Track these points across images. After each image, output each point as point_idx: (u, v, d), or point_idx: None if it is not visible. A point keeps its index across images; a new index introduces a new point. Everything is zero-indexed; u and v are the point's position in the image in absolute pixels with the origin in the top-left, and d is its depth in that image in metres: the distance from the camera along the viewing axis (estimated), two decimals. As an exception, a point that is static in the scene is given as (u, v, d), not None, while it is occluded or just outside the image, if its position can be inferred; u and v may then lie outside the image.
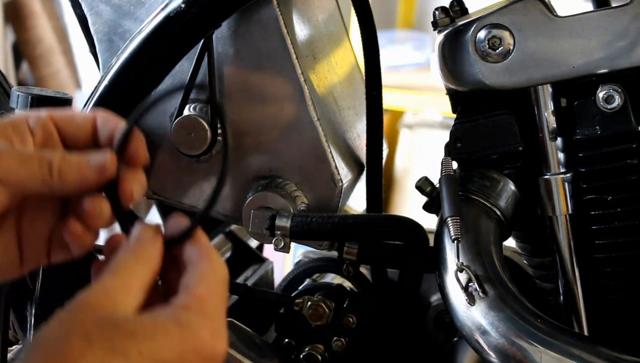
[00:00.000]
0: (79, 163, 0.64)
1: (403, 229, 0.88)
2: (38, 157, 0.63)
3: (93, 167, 0.63)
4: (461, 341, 0.99)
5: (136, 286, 0.59)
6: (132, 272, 0.60)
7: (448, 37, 0.87)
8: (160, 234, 0.64)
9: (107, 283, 0.58)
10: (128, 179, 0.65)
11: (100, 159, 0.64)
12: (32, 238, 0.67)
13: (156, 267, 0.62)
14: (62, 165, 0.63)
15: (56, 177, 0.63)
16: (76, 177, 0.63)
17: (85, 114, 0.67)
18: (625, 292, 0.87)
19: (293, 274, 1.01)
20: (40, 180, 0.62)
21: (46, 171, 0.62)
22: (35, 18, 3.34)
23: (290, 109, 0.90)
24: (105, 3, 0.94)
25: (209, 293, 0.60)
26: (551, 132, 0.86)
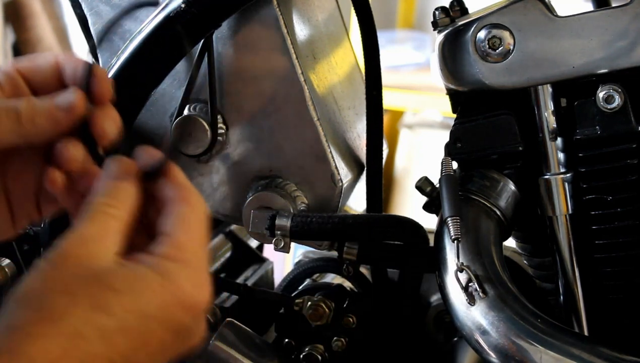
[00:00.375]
0: (47, 107, 0.62)
1: (403, 229, 0.88)
2: (4, 109, 0.61)
3: (61, 107, 0.62)
4: (461, 341, 0.99)
5: (114, 230, 0.57)
6: (109, 215, 0.58)
7: (448, 37, 0.87)
8: (134, 170, 0.61)
9: (84, 230, 0.56)
10: (99, 117, 0.63)
11: (67, 98, 0.62)
12: (19, 193, 0.65)
13: (133, 206, 0.60)
14: (30, 111, 0.62)
15: (27, 124, 0.61)
16: (47, 121, 0.62)
17: (47, 57, 0.65)
18: (625, 292, 0.87)
19: (293, 274, 1.01)
20: (11, 131, 0.61)
21: (15, 120, 0.61)
22: (35, 18, 3.34)
23: (290, 109, 0.90)
24: (105, 3, 0.94)
25: (188, 239, 0.58)
26: (551, 132, 0.86)
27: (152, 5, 0.91)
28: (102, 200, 0.58)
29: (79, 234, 0.56)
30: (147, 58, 0.87)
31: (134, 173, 0.61)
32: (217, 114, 0.91)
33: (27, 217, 0.67)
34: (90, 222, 0.57)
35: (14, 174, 0.65)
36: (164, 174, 0.61)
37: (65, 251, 0.55)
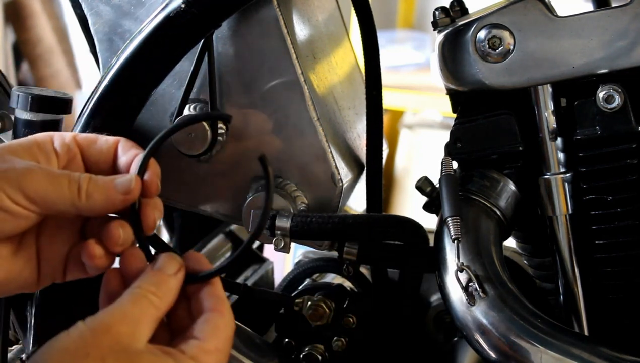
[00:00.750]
0: (105, 185, 0.66)
1: (403, 229, 0.88)
2: (67, 177, 0.65)
3: (119, 189, 0.66)
4: (461, 341, 0.99)
5: (151, 317, 0.62)
6: (151, 303, 0.63)
7: (448, 37, 0.87)
8: (184, 269, 0.66)
9: (128, 309, 0.61)
10: (149, 206, 0.68)
11: (125, 182, 0.67)
12: (51, 255, 0.69)
13: (173, 301, 0.65)
14: (89, 186, 0.65)
15: (84, 197, 0.65)
16: (103, 199, 0.66)
17: (107, 138, 0.70)
18: (625, 292, 0.87)
19: (293, 274, 1.01)
20: (69, 200, 0.65)
21: (75, 191, 0.65)
22: (35, 18, 3.34)
23: (290, 109, 0.90)
24: (105, 3, 0.94)
25: (216, 349, 0.63)
26: (551, 132, 0.86)
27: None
28: (148, 288, 0.63)
29: (122, 311, 0.61)
30: (147, 58, 0.87)
31: (181, 273, 0.66)
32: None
33: (51, 277, 0.70)
34: (134, 304, 0.62)
35: (49, 235, 0.69)
36: (207, 284, 0.67)
37: (107, 323, 0.60)
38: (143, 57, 0.87)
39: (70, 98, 0.93)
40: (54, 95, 0.92)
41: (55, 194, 0.64)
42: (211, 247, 1.23)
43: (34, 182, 0.64)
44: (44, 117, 0.91)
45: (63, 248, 0.69)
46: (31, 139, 0.68)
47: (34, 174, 0.64)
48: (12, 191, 0.63)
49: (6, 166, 0.64)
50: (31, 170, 0.64)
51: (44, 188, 0.64)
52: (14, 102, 0.91)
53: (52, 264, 0.69)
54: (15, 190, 0.63)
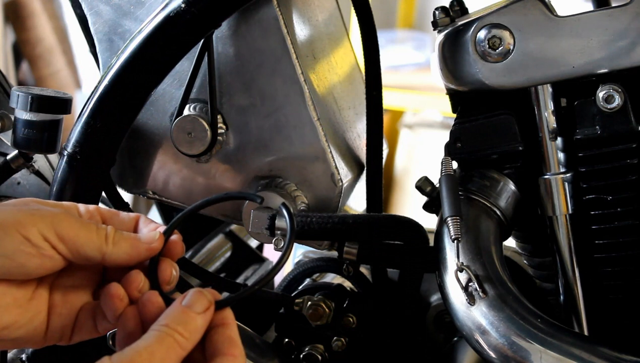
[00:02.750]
0: (131, 236, 0.69)
1: (403, 229, 0.88)
2: (96, 225, 0.68)
3: (144, 241, 0.69)
4: (461, 341, 0.99)
5: (177, 356, 0.63)
6: (176, 343, 0.63)
7: (448, 37, 0.87)
8: (212, 307, 0.67)
9: (155, 348, 0.62)
10: (167, 263, 0.70)
11: (150, 234, 0.70)
12: (62, 310, 0.70)
13: (198, 340, 0.65)
14: (116, 235, 0.68)
15: (111, 244, 0.68)
16: (128, 247, 0.68)
17: (129, 214, 0.73)
18: (625, 292, 0.87)
19: (293, 274, 1.01)
20: (97, 246, 0.67)
21: (103, 237, 0.67)
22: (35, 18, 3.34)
23: (290, 109, 0.90)
24: (105, 3, 0.94)
25: None
26: (551, 132, 0.86)
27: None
28: (176, 327, 0.64)
29: (147, 350, 0.62)
30: (147, 58, 0.87)
31: (210, 312, 0.67)
32: (217, 114, 0.91)
33: (59, 335, 0.71)
34: (159, 343, 0.63)
35: (63, 290, 0.70)
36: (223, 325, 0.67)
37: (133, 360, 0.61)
38: (143, 57, 0.87)
39: (70, 98, 0.93)
40: (54, 95, 0.92)
41: (85, 238, 0.66)
42: (211, 247, 1.23)
43: (66, 223, 0.66)
44: (44, 117, 0.91)
45: (75, 305, 0.70)
46: (57, 202, 0.71)
47: (65, 216, 0.67)
48: (45, 228, 0.65)
49: (40, 207, 0.67)
50: (63, 213, 0.67)
51: (74, 230, 0.66)
52: (13, 102, 0.91)
53: (62, 320, 0.70)
54: (48, 228, 0.65)
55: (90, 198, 0.90)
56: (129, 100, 0.88)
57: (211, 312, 0.66)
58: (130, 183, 0.97)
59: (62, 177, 0.89)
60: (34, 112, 0.90)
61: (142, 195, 0.97)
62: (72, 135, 0.89)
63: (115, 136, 0.89)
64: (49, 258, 0.66)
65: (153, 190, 0.97)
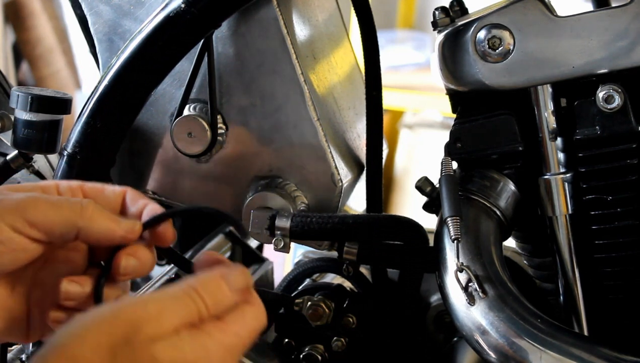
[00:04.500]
0: (110, 217, 0.65)
1: (403, 229, 0.88)
2: (67, 201, 0.64)
3: (122, 226, 0.65)
4: (461, 341, 0.99)
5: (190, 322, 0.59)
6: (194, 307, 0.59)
7: (448, 37, 0.87)
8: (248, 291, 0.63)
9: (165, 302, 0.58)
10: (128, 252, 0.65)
11: (130, 223, 0.66)
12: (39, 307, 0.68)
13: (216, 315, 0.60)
14: (93, 210, 0.64)
15: (87, 219, 0.64)
16: (104, 227, 0.64)
17: (115, 188, 0.69)
18: (625, 292, 0.87)
19: (293, 274, 1.01)
20: (70, 221, 0.63)
21: (77, 211, 0.64)
22: (35, 18, 3.34)
23: (290, 109, 0.90)
24: (105, 3, 0.94)
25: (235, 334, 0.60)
26: (551, 132, 0.86)
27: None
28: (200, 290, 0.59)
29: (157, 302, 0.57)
30: (147, 58, 0.87)
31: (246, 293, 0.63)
32: (217, 114, 0.91)
33: (40, 332, 0.69)
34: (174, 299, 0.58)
35: (41, 286, 0.68)
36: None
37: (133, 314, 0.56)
38: (143, 57, 0.87)
39: (70, 98, 0.93)
40: (54, 95, 0.92)
41: (56, 216, 0.63)
42: (211, 247, 1.23)
43: (34, 206, 0.63)
44: (44, 117, 0.91)
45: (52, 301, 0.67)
46: (36, 184, 0.68)
47: (33, 200, 0.64)
48: (12, 218, 0.62)
49: (5, 196, 0.64)
50: (30, 197, 0.64)
51: (44, 211, 0.63)
52: (13, 102, 0.91)
53: (40, 317, 0.68)
54: (15, 217, 0.62)
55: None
56: (129, 100, 0.88)
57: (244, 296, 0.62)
58: (130, 184, 0.97)
59: (62, 177, 0.89)
60: (34, 112, 0.90)
61: (142, 195, 0.97)
62: (72, 135, 0.89)
63: (115, 136, 0.89)
64: (21, 250, 0.63)
65: (153, 190, 0.97)
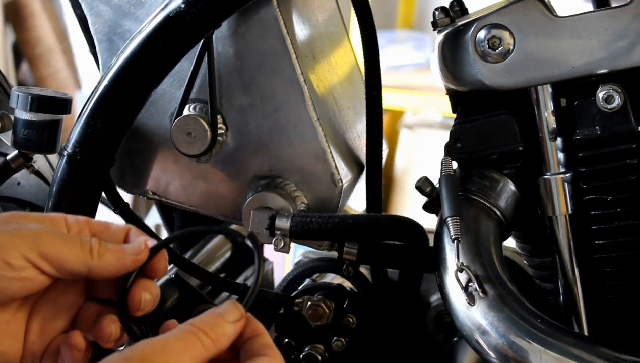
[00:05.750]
0: (116, 248, 0.67)
1: (403, 229, 0.88)
2: (80, 239, 0.66)
3: (129, 251, 0.67)
4: (461, 341, 0.99)
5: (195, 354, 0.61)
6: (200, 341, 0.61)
7: (448, 37, 0.87)
8: (244, 320, 0.65)
9: (170, 342, 0.60)
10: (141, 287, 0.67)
11: (135, 245, 0.68)
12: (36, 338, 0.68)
13: (225, 347, 0.63)
14: (101, 247, 0.66)
15: (96, 257, 0.66)
16: (114, 260, 0.66)
17: (119, 225, 0.71)
18: (625, 292, 0.87)
19: (293, 274, 1.01)
20: (82, 260, 0.65)
21: (87, 250, 0.66)
22: (35, 18, 3.34)
23: (290, 109, 0.90)
24: (105, 3, 0.94)
25: None
26: (551, 132, 0.86)
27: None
28: (202, 327, 0.62)
29: (163, 344, 0.60)
30: (147, 58, 0.87)
31: (240, 323, 0.65)
32: (217, 114, 0.91)
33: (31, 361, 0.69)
34: (178, 338, 0.61)
35: (41, 319, 0.68)
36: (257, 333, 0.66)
37: (143, 355, 0.59)
38: (143, 57, 0.87)
39: (70, 98, 0.93)
40: (54, 95, 0.92)
41: (69, 253, 0.65)
42: (211, 247, 1.23)
43: (49, 240, 0.64)
44: (43, 117, 0.91)
45: (50, 335, 0.68)
46: (43, 214, 0.70)
47: (48, 233, 0.65)
48: (26, 248, 0.63)
49: (19, 226, 0.65)
50: (45, 230, 0.65)
51: (58, 246, 0.64)
52: (13, 102, 0.91)
53: (35, 348, 0.68)
54: (30, 248, 0.63)
55: (90, 199, 0.90)
56: (129, 100, 0.88)
57: (242, 324, 0.65)
58: (130, 184, 0.97)
59: (62, 178, 0.89)
60: (34, 112, 0.90)
61: (142, 195, 0.97)
62: (72, 135, 0.89)
63: (115, 136, 0.89)
64: (30, 280, 0.64)
65: (153, 190, 0.97)
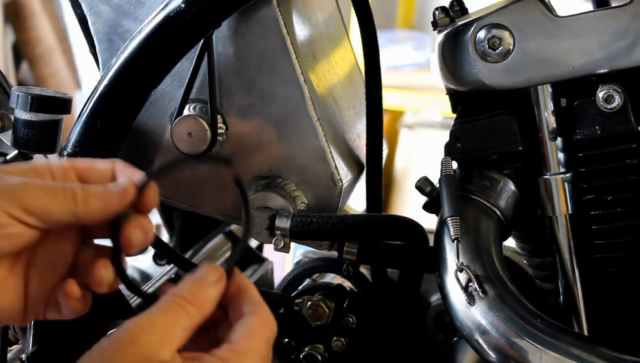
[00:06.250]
0: (100, 190, 0.65)
1: (403, 229, 0.88)
2: (62, 187, 0.65)
3: (114, 191, 0.65)
4: (461, 341, 0.99)
5: (183, 325, 0.61)
6: (185, 311, 0.61)
7: (448, 37, 0.87)
8: (224, 279, 0.65)
9: (157, 318, 0.60)
10: (136, 226, 0.66)
11: (120, 184, 0.66)
12: (36, 290, 0.68)
13: (210, 310, 0.63)
14: (85, 193, 0.65)
15: (81, 204, 0.64)
16: (100, 202, 0.65)
17: (104, 162, 0.69)
18: (625, 292, 0.87)
19: (293, 274, 1.01)
20: (66, 208, 0.64)
21: (71, 198, 0.64)
22: (35, 18, 3.34)
23: (290, 109, 0.90)
24: (105, 3, 0.94)
25: (249, 349, 0.62)
26: (551, 132, 0.86)
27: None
28: (184, 296, 0.62)
29: (150, 320, 0.60)
30: (147, 58, 0.87)
31: (221, 283, 0.64)
32: (217, 114, 0.91)
33: (34, 314, 0.69)
34: (163, 313, 0.60)
35: (39, 269, 0.68)
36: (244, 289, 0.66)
37: (132, 334, 0.58)
38: (143, 57, 0.87)
39: (70, 98, 0.93)
40: (54, 95, 0.92)
41: (53, 204, 0.63)
42: (211, 247, 1.23)
43: (30, 194, 0.63)
44: (44, 117, 0.91)
45: (50, 283, 0.68)
46: (27, 165, 0.68)
47: (29, 187, 0.64)
48: (9, 205, 0.62)
49: (1, 181, 0.63)
50: (26, 183, 0.64)
51: (40, 199, 0.63)
52: (13, 102, 0.91)
53: (37, 299, 0.68)
54: (12, 204, 0.62)
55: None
56: (129, 100, 0.88)
57: (223, 283, 0.64)
58: (130, 184, 0.97)
59: (62, 177, 0.89)
60: (34, 112, 0.90)
61: (142, 195, 0.97)
62: (72, 135, 0.89)
63: (115, 136, 0.89)
64: (17, 236, 0.63)
65: (153, 190, 0.97)
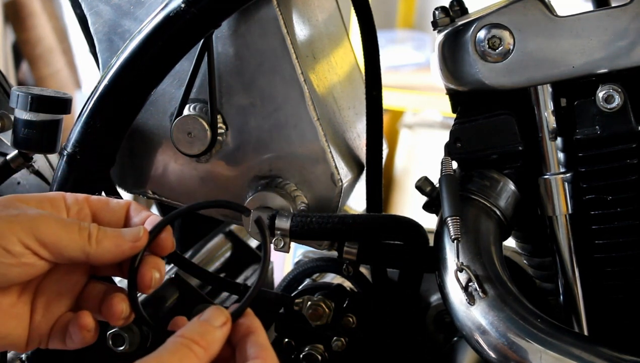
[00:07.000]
0: (114, 234, 0.67)
1: (403, 229, 0.88)
2: (78, 224, 0.66)
3: (127, 237, 0.67)
4: (461, 341, 0.99)
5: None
6: (193, 352, 0.62)
7: (448, 37, 0.87)
8: (230, 322, 0.66)
9: (165, 358, 0.61)
10: (150, 265, 0.68)
11: (134, 231, 0.68)
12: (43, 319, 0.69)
13: (217, 352, 0.64)
14: (100, 233, 0.66)
15: (94, 244, 0.66)
16: (112, 245, 0.66)
17: (119, 201, 0.71)
18: (625, 292, 0.87)
19: (293, 274, 1.01)
20: (80, 246, 0.65)
21: (85, 237, 0.66)
22: (35, 18, 3.34)
23: (290, 109, 0.90)
24: (105, 3, 0.94)
25: None
26: (551, 132, 0.86)
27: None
28: (192, 337, 0.63)
29: (157, 360, 0.61)
30: (147, 58, 0.87)
31: (227, 326, 0.66)
32: (217, 114, 0.91)
33: (37, 342, 0.70)
34: (173, 353, 0.62)
35: (45, 299, 0.69)
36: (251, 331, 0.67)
37: None
38: (143, 57, 0.87)
39: (70, 98, 0.93)
40: (54, 95, 0.92)
41: (67, 240, 0.65)
42: (211, 247, 1.23)
43: (46, 227, 0.64)
44: (43, 117, 0.91)
45: (56, 313, 0.69)
46: (43, 195, 0.70)
47: (46, 219, 0.65)
48: (24, 235, 0.63)
49: (18, 212, 0.65)
50: (43, 216, 0.65)
51: (55, 233, 0.64)
52: (13, 102, 0.91)
53: (41, 328, 0.69)
54: (28, 235, 0.63)
55: (90, 199, 0.90)
56: (129, 100, 0.88)
57: (229, 326, 0.66)
58: (130, 184, 0.97)
59: (61, 177, 0.89)
60: (34, 112, 0.90)
61: (142, 195, 0.97)
62: (72, 135, 0.89)
63: (115, 136, 0.89)
64: (30, 266, 0.64)
65: (153, 190, 0.97)
